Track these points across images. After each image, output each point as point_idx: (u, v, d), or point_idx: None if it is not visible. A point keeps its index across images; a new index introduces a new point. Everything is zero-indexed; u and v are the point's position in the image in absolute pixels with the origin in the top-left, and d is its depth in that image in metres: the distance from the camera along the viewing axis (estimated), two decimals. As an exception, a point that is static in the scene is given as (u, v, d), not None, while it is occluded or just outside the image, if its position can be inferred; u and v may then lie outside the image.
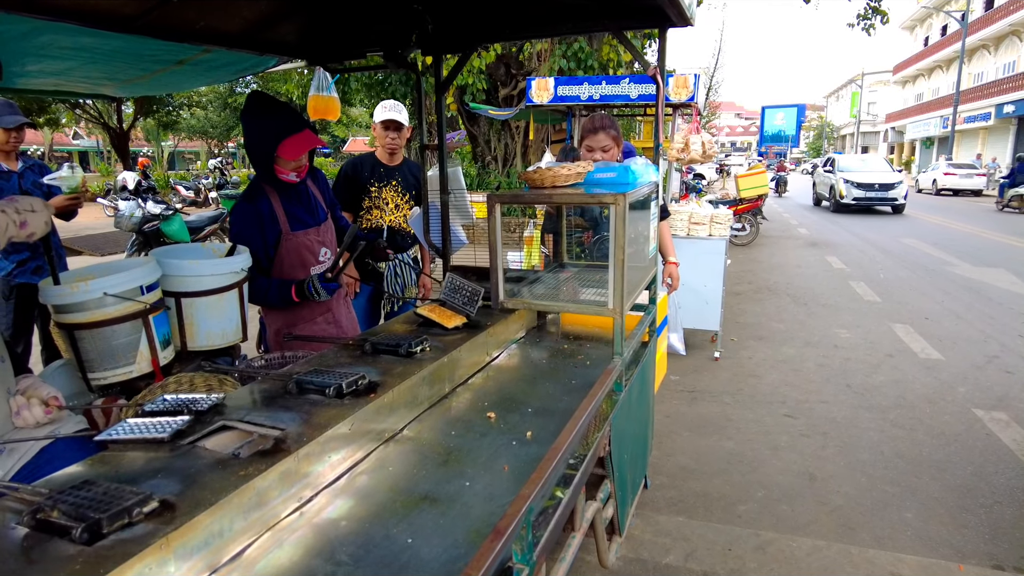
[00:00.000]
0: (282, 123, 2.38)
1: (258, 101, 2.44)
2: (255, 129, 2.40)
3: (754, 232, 12.16)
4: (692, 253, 5.33)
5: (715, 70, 33.28)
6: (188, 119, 28.40)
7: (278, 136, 2.36)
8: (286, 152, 2.38)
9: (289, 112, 2.44)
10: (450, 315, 2.28)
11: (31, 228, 1.56)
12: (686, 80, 6.23)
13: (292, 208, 2.55)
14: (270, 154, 2.38)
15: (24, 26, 2.01)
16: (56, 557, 1.05)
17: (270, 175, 2.44)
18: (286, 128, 2.37)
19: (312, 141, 2.44)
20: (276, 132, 2.36)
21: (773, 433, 4.02)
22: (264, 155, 2.39)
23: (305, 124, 2.45)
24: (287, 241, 2.52)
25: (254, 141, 2.41)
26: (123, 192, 8.84)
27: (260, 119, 2.40)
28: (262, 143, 2.38)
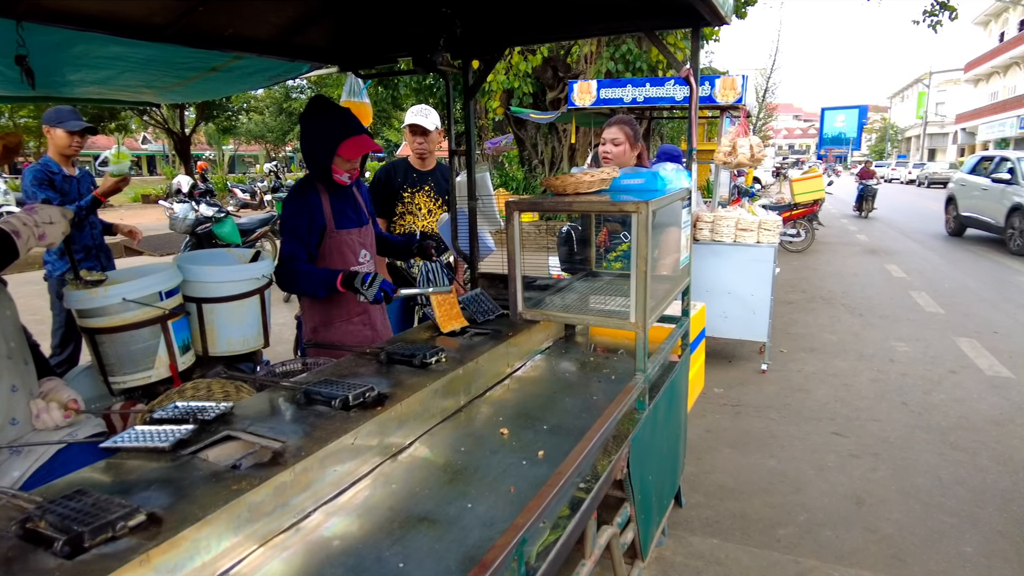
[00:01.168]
0: (343, 124, 2.45)
1: (320, 103, 2.49)
2: (316, 129, 2.45)
3: (809, 238, 11.72)
4: (739, 260, 5.13)
5: (772, 71, 32.36)
6: (246, 123, 29.38)
7: (340, 136, 2.41)
8: (346, 151, 2.42)
9: (349, 115, 2.50)
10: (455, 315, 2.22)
11: (49, 239, 1.62)
12: (733, 81, 6.03)
13: (340, 206, 2.59)
14: (330, 153, 2.41)
15: (57, 36, 2.06)
16: (36, 570, 1.04)
17: (325, 175, 2.48)
18: (347, 129, 2.44)
19: (369, 144, 2.50)
20: (338, 132, 2.42)
21: (820, 452, 3.82)
22: (324, 154, 2.43)
23: (363, 128, 2.51)
24: (331, 238, 2.54)
25: (315, 140, 2.45)
26: (179, 195, 9.16)
27: (321, 120, 2.46)
28: (323, 142, 2.42)
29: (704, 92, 6.24)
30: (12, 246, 1.53)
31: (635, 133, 2.98)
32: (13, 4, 1.85)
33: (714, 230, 5.21)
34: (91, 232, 3.87)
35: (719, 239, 5.19)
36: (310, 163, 2.50)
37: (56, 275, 3.82)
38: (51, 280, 3.86)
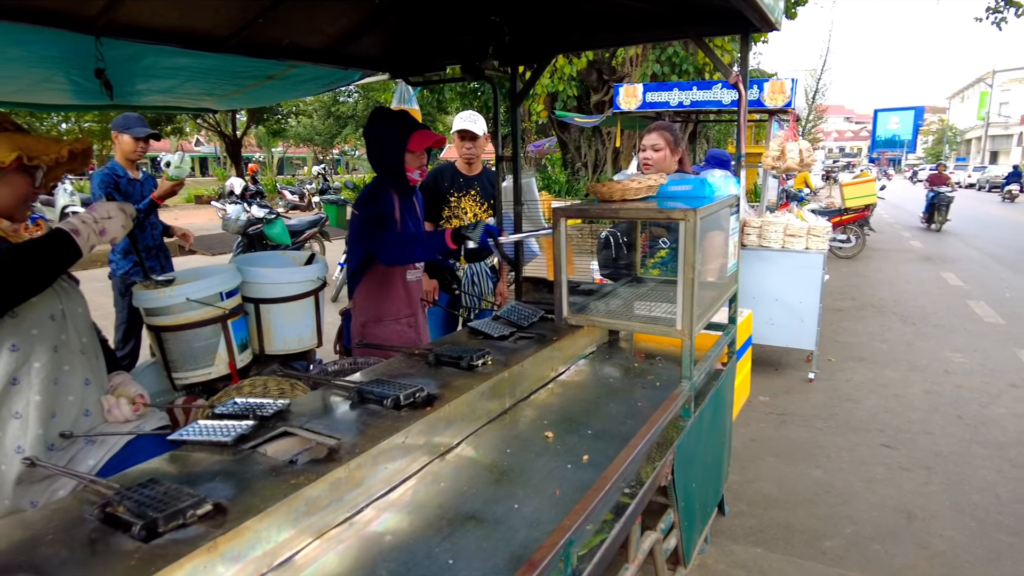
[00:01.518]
0: (407, 121, 2.58)
1: (382, 113, 2.63)
2: (383, 131, 2.57)
3: (860, 244, 11.40)
4: (787, 267, 5.05)
5: (822, 72, 31.56)
6: (295, 126, 30.11)
7: (407, 131, 2.53)
8: (414, 144, 2.54)
9: (409, 115, 2.63)
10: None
11: (110, 234, 1.68)
12: (782, 85, 5.92)
13: (406, 211, 2.71)
14: (401, 149, 2.52)
15: (130, 50, 2.18)
16: (117, 551, 1.11)
17: (398, 175, 2.58)
18: (412, 125, 2.57)
19: (434, 136, 2.60)
20: (405, 128, 2.54)
21: (868, 464, 3.73)
22: (395, 152, 2.54)
23: (422, 124, 2.64)
24: None
25: (384, 142, 2.57)
26: (231, 196, 9.46)
27: (387, 123, 2.58)
28: (392, 141, 2.54)
29: (752, 96, 6.16)
30: (74, 245, 1.60)
31: (675, 138, 2.97)
32: (92, 21, 1.97)
33: (762, 235, 5.13)
34: (152, 232, 4.04)
35: (767, 245, 5.11)
36: (382, 167, 2.61)
37: (119, 273, 4.00)
38: (115, 278, 4.04)
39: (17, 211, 1.70)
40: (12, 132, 1.65)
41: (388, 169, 2.58)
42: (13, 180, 1.64)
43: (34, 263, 1.53)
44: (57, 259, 1.58)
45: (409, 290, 2.73)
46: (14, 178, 1.64)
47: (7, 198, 1.65)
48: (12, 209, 1.68)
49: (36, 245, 1.54)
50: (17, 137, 1.64)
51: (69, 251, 1.59)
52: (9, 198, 1.65)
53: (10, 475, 1.62)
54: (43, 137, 1.69)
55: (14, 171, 1.63)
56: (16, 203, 1.68)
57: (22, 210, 1.71)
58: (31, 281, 1.54)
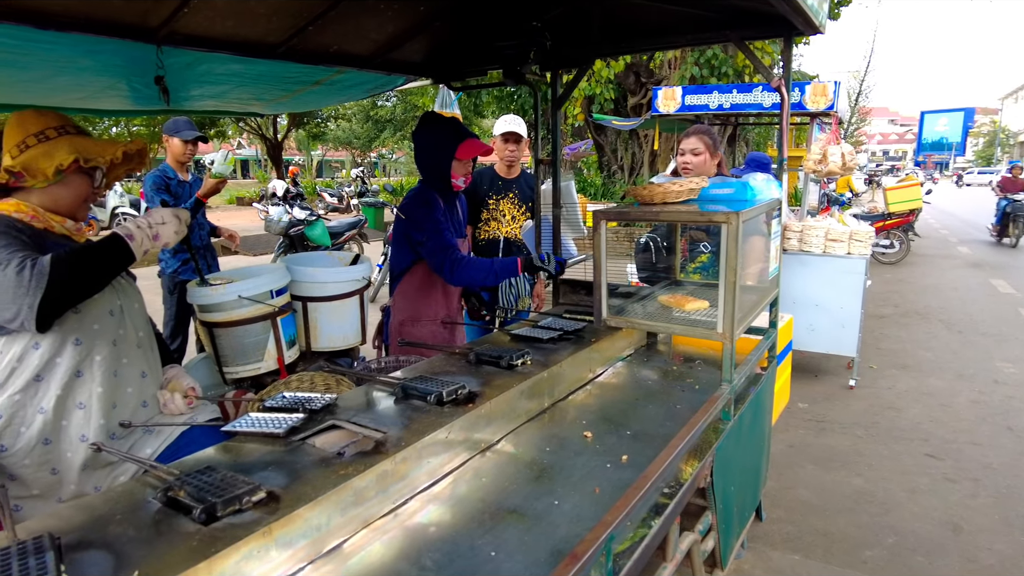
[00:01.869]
0: (457, 130, 2.63)
1: (432, 118, 2.68)
2: (433, 138, 2.62)
3: (904, 250, 11.10)
4: (828, 272, 4.96)
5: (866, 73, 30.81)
6: (334, 130, 30.66)
7: (456, 140, 2.58)
8: (462, 153, 2.59)
9: (459, 122, 2.69)
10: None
11: (163, 239, 1.73)
12: (825, 88, 5.83)
13: (451, 217, 2.76)
14: (449, 157, 2.58)
15: (187, 58, 2.28)
16: (179, 532, 1.17)
17: (444, 180, 2.63)
18: (462, 134, 2.62)
19: (481, 145, 2.66)
20: (454, 137, 2.59)
21: (911, 474, 3.65)
22: (443, 159, 2.59)
23: (473, 132, 2.69)
24: None
25: (433, 148, 2.62)
26: (273, 198, 9.69)
27: (437, 130, 2.63)
28: (441, 148, 2.59)
29: (794, 99, 6.07)
30: (128, 250, 1.66)
31: (715, 142, 2.96)
32: (155, 32, 2.07)
33: (802, 240, 5.07)
34: (199, 233, 4.18)
35: (807, 249, 5.04)
36: (429, 172, 2.66)
37: (168, 272, 4.15)
38: (164, 276, 4.19)
39: (79, 211, 1.78)
40: (73, 135, 1.73)
41: (434, 174, 2.63)
42: (73, 181, 1.72)
43: (93, 266, 1.59)
44: (113, 262, 1.64)
45: (448, 293, 2.78)
46: (74, 179, 1.72)
47: (68, 199, 1.74)
48: (74, 209, 1.76)
49: (94, 248, 1.61)
50: (76, 140, 1.72)
51: (124, 255, 1.65)
52: (70, 198, 1.74)
53: (76, 462, 1.71)
54: (100, 140, 1.77)
55: (74, 173, 1.70)
56: (77, 203, 1.76)
57: (83, 210, 1.79)
58: (89, 283, 1.61)
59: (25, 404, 1.64)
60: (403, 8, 2.43)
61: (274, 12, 2.22)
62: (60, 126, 1.73)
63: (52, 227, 1.72)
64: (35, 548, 1.05)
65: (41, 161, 1.66)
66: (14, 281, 1.48)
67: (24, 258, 1.50)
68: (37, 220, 1.69)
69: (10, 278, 1.48)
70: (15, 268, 1.48)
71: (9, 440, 1.64)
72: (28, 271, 1.48)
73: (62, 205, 1.73)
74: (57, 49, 2.01)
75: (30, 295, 1.48)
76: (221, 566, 1.11)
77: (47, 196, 1.71)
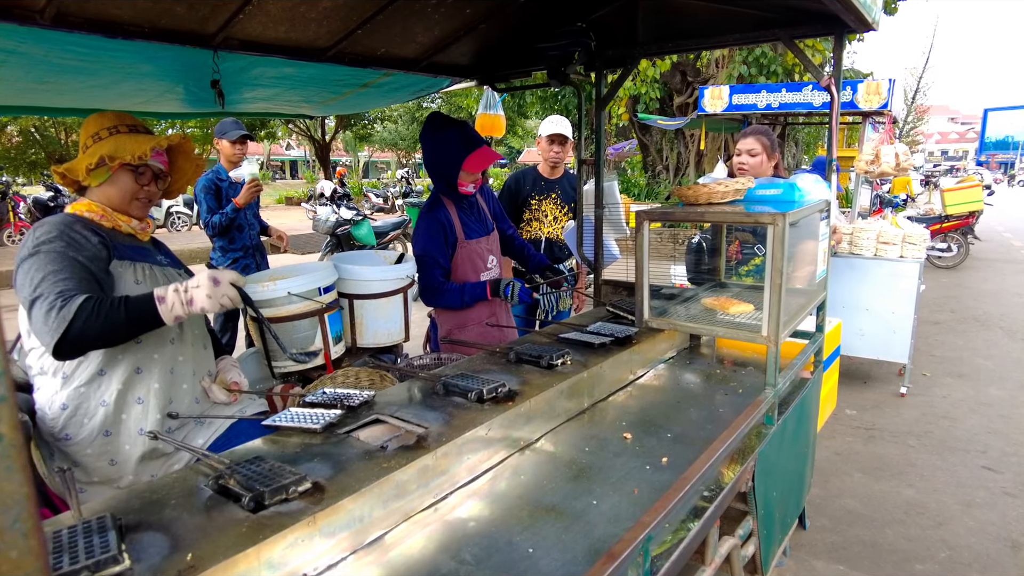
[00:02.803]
0: (466, 139, 2.57)
1: (439, 120, 2.62)
2: (440, 145, 2.58)
3: (963, 253, 10.66)
4: (879, 276, 4.81)
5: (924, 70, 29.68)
6: (381, 132, 31.14)
7: (464, 151, 2.54)
8: (470, 166, 2.56)
9: (469, 129, 2.62)
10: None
11: (197, 304, 1.65)
12: (878, 86, 5.64)
13: (466, 219, 2.75)
14: (456, 168, 2.54)
15: (241, 62, 2.36)
16: (229, 518, 1.23)
17: (452, 188, 2.61)
18: (470, 143, 2.56)
19: (492, 156, 2.61)
20: (463, 147, 2.54)
21: (967, 486, 3.51)
22: (450, 169, 2.56)
23: (483, 140, 2.63)
24: (462, 248, 2.71)
25: (439, 156, 2.59)
26: (321, 199, 9.92)
27: (444, 137, 2.58)
28: (448, 158, 2.55)
29: (845, 97, 5.89)
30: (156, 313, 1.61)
31: (772, 143, 2.92)
32: (211, 38, 2.15)
33: (853, 243, 4.92)
34: (250, 232, 4.31)
35: (858, 252, 4.90)
36: (436, 177, 2.64)
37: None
38: None
39: (131, 208, 1.83)
40: (121, 134, 1.78)
41: (442, 181, 2.61)
42: (118, 179, 1.79)
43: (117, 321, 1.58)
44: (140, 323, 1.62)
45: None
46: (119, 177, 1.78)
47: (116, 196, 1.80)
48: (125, 206, 1.82)
49: (125, 304, 1.60)
50: (120, 139, 1.76)
51: (152, 317, 1.62)
52: (117, 196, 1.80)
53: (134, 454, 1.79)
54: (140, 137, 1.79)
55: (118, 171, 1.77)
56: (125, 200, 1.81)
57: (137, 207, 1.84)
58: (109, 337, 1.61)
59: (89, 396, 1.73)
60: (450, 11, 2.46)
61: (324, 17, 2.28)
62: (113, 126, 1.79)
63: (119, 226, 1.81)
64: (99, 527, 1.11)
65: (82, 161, 1.75)
66: (42, 319, 1.54)
67: (57, 297, 1.55)
68: (106, 219, 1.78)
69: (41, 313, 1.55)
70: (46, 307, 1.54)
71: (73, 430, 1.73)
72: (54, 313, 1.53)
73: (114, 202, 1.80)
74: (123, 56, 2.11)
75: (49, 335, 1.53)
76: (269, 552, 1.16)
77: (102, 194, 1.80)
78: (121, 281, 1.75)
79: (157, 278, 1.84)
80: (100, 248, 1.71)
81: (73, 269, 1.63)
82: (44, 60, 2.05)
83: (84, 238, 1.69)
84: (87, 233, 1.70)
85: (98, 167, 1.75)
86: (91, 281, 1.66)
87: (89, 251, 1.68)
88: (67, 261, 1.63)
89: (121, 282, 1.74)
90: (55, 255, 1.62)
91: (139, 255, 1.83)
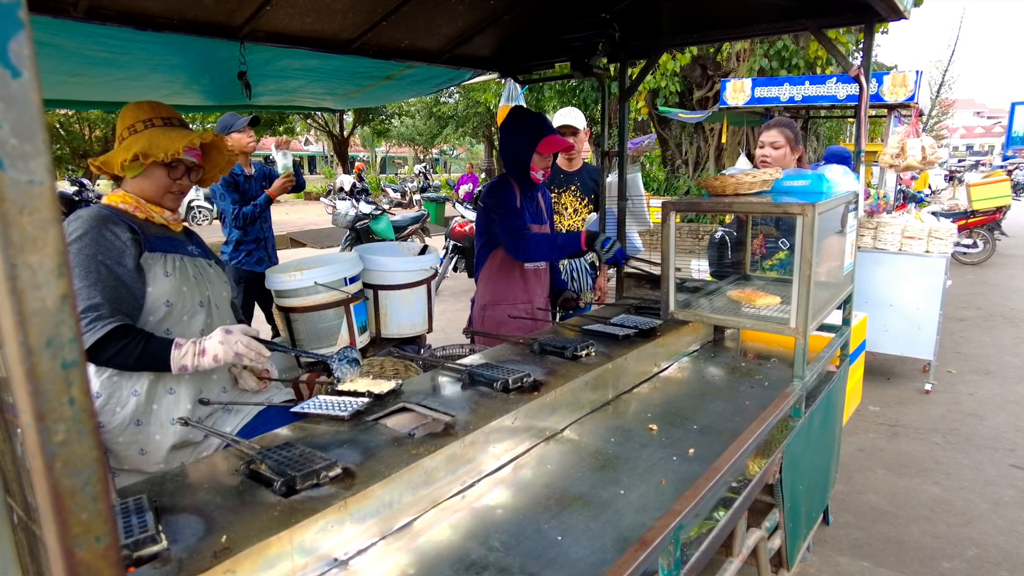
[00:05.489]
0: (541, 125, 2.69)
1: (521, 112, 2.77)
2: (518, 132, 2.70)
3: (989, 250, 10.47)
4: (904, 271, 4.74)
5: (950, 63, 29.13)
6: (398, 127, 31.21)
7: (539, 135, 2.65)
8: (544, 147, 2.65)
9: (545, 118, 2.74)
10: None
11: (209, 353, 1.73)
12: (904, 78, 5.55)
13: (527, 204, 2.83)
14: (530, 150, 2.65)
15: (267, 54, 2.38)
16: (261, 503, 1.24)
17: (523, 172, 2.71)
18: (545, 129, 2.67)
19: (563, 142, 2.70)
20: (537, 131, 2.66)
21: (995, 484, 3.46)
22: (524, 152, 2.66)
23: (556, 130, 2.74)
24: None
25: (516, 141, 2.70)
26: (340, 193, 9.97)
27: (523, 124, 2.71)
28: (524, 141, 2.66)
29: (871, 90, 5.82)
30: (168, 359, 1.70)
31: (796, 136, 2.88)
32: (238, 29, 2.17)
33: (877, 237, 4.86)
34: (262, 225, 4.33)
35: (882, 247, 4.83)
36: (509, 162, 2.74)
37: (232, 263, 4.27)
38: (228, 268, 4.30)
39: (163, 200, 1.86)
40: (156, 128, 1.79)
41: (514, 165, 2.71)
42: (152, 173, 1.81)
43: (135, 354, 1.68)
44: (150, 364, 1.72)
45: (527, 278, 2.84)
46: (152, 171, 1.80)
47: (149, 190, 1.83)
48: (158, 199, 1.85)
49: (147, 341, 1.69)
50: (154, 133, 1.77)
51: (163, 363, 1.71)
52: (151, 190, 1.83)
53: (164, 444, 1.82)
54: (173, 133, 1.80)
55: (152, 166, 1.79)
56: (159, 194, 1.84)
57: (169, 200, 1.87)
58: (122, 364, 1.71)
59: (121, 386, 1.76)
60: (474, 2, 2.46)
61: (350, 8, 2.29)
62: (148, 119, 1.80)
63: (152, 217, 1.83)
64: (136, 507, 1.13)
65: (117, 155, 1.77)
66: None
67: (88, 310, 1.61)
68: (139, 210, 1.81)
69: None
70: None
71: (106, 418, 1.76)
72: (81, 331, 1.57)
73: (147, 195, 1.83)
74: (152, 48, 2.14)
75: None
76: (301, 536, 1.17)
77: (136, 186, 1.82)
78: (151, 273, 1.77)
79: (187, 270, 1.86)
80: (130, 245, 1.73)
81: (100, 276, 1.66)
82: (76, 52, 2.08)
83: (115, 236, 1.71)
84: (118, 230, 1.72)
85: (132, 162, 1.77)
86: (118, 289, 1.69)
87: (117, 252, 1.70)
88: (94, 267, 1.65)
89: (151, 274, 1.77)
90: (84, 259, 1.65)
91: (171, 246, 1.86)
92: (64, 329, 0.38)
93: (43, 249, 0.37)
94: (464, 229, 7.88)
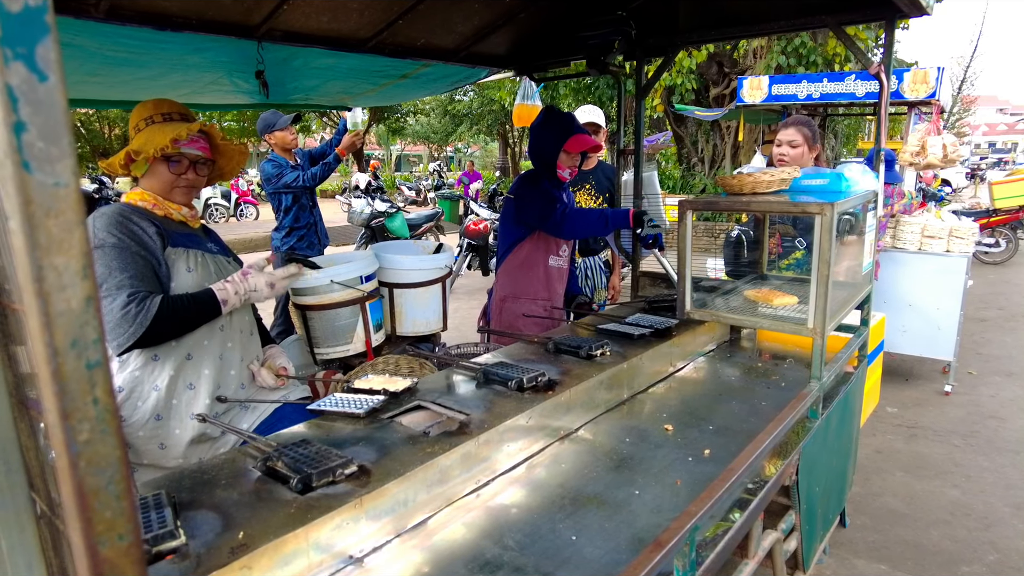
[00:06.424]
0: (569, 124, 2.72)
1: (552, 112, 2.81)
2: (547, 130, 2.74)
3: (1011, 249, 10.29)
4: (923, 270, 4.68)
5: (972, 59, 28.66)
6: (413, 125, 31.28)
7: (566, 133, 2.68)
8: (571, 146, 2.69)
9: (574, 118, 2.78)
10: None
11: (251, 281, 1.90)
12: (925, 75, 5.46)
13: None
14: (557, 149, 2.68)
15: (284, 53, 2.39)
16: (278, 499, 1.25)
17: (550, 169, 2.74)
18: (572, 128, 2.71)
19: (590, 141, 2.73)
20: (566, 130, 2.69)
21: (1017, 488, 3.40)
22: (552, 150, 2.70)
23: (585, 129, 2.77)
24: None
25: (544, 139, 2.73)
26: (356, 191, 10.01)
27: (552, 123, 2.74)
28: (552, 140, 2.70)
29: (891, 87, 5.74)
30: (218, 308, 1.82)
31: (814, 134, 2.85)
32: (256, 29, 2.19)
33: (896, 236, 4.80)
34: (312, 211, 4.37)
35: (901, 246, 4.77)
36: (538, 160, 2.78)
37: (284, 249, 4.31)
38: (278, 254, 4.35)
39: (172, 195, 1.86)
40: (157, 124, 1.79)
41: (543, 163, 2.74)
42: (154, 170, 1.82)
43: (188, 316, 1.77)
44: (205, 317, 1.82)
45: (549, 275, 2.84)
46: (155, 168, 1.82)
47: (156, 186, 1.84)
48: (167, 193, 1.86)
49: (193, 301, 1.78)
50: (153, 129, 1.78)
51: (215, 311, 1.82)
52: (156, 186, 1.84)
53: (184, 438, 1.84)
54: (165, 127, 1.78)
55: (154, 162, 1.80)
56: (165, 190, 1.84)
57: (179, 195, 1.88)
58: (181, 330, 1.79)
59: (143, 380, 1.78)
60: (490, 0, 2.46)
61: (366, 7, 2.29)
62: (149, 116, 1.80)
63: (171, 214, 1.85)
64: (155, 503, 1.14)
65: (118, 155, 1.79)
66: (117, 317, 1.63)
67: (131, 299, 1.64)
68: (158, 207, 1.83)
69: (114, 313, 1.63)
70: (121, 305, 1.63)
71: (127, 412, 1.78)
72: (132, 314, 1.63)
73: (158, 191, 1.84)
74: (171, 48, 2.16)
75: (125, 334, 1.64)
76: (316, 533, 1.18)
77: (147, 184, 1.84)
78: (174, 268, 1.79)
79: (208, 266, 1.88)
80: (156, 237, 1.76)
81: (135, 265, 1.69)
82: (97, 53, 2.11)
83: (141, 228, 1.74)
84: (143, 223, 1.75)
85: (129, 162, 1.79)
86: (152, 276, 1.72)
87: (146, 242, 1.74)
88: (128, 256, 1.69)
89: (174, 269, 1.79)
90: (117, 250, 1.68)
91: (191, 242, 1.88)
92: (89, 330, 0.38)
93: (68, 251, 0.37)
94: (479, 227, 7.89)
